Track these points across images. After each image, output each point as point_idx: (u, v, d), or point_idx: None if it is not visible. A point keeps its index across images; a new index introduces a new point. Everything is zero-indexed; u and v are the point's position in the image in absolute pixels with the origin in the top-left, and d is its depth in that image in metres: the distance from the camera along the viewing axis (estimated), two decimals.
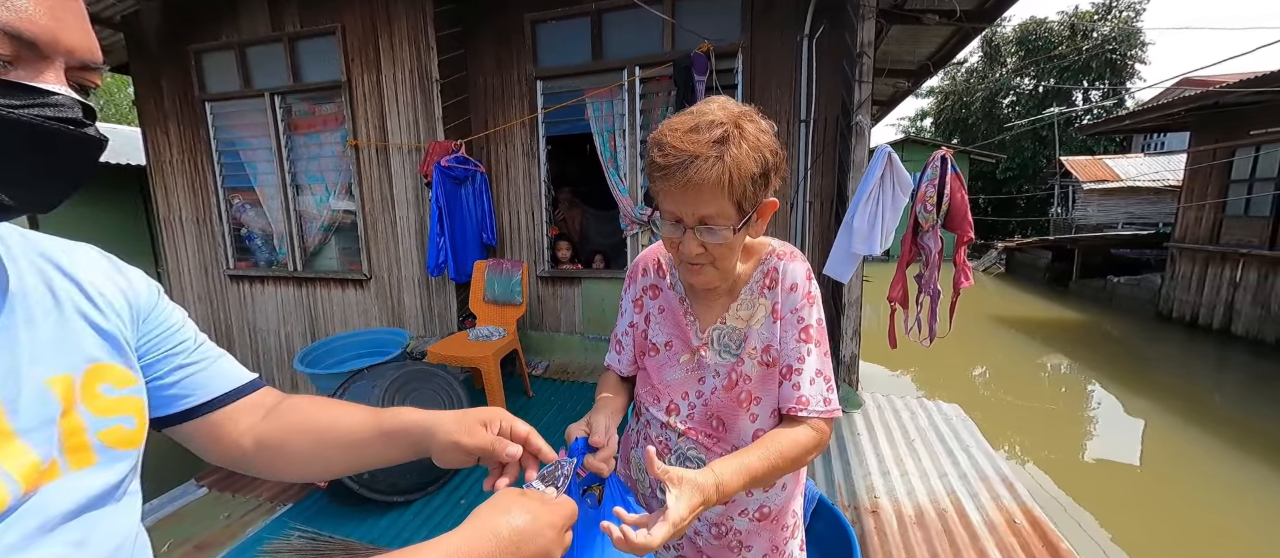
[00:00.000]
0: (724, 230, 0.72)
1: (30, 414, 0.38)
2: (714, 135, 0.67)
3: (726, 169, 0.67)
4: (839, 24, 2.76)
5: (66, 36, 0.35)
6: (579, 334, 3.59)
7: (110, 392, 0.44)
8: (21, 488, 0.36)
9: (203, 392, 0.56)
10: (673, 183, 0.69)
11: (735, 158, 0.68)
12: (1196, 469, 4.11)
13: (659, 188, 0.73)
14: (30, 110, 0.33)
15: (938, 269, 1.86)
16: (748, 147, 0.69)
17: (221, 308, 4.12)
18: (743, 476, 0.69)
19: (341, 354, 2.90)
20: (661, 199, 0.74)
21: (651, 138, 0.74)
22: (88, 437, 0.42)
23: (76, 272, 0.47)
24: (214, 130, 3.83)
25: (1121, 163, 14.24)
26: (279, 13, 3.48)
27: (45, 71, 0.34)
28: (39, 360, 0.40)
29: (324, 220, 3.73)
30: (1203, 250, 7.53)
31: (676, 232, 0.74)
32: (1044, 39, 17.62)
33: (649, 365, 0.91)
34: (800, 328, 0.80)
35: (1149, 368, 6.47)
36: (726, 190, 0.69)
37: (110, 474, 0.43)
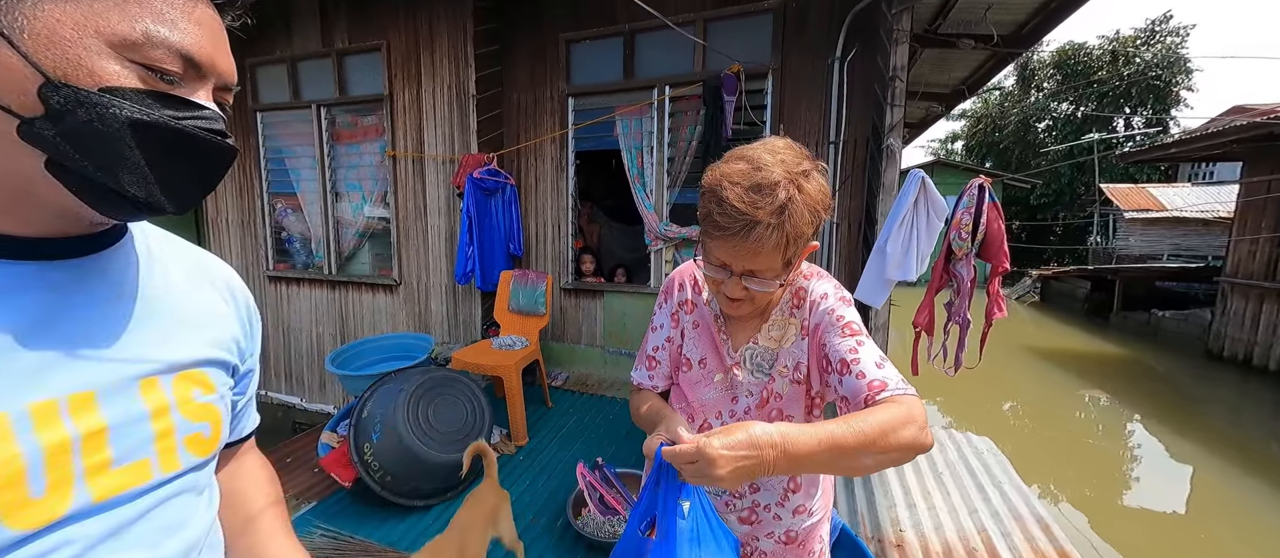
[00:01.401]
0: (770, 283, 0.74)
1: (122, 412, 0.41)
2: (777, 202, 0.67)
3: (784, 236, 0.68)
4: (871, 47, 2.76)
5: (221, 61, 0.41)
6: (600, 347, 3.61)
7: (200, 396, 0.47)
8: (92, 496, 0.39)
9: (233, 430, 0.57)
10: (728, 242, 0.70)
11: (794, 223, 0.68)
12: (1249, 522, 3.83)
13: (710, 239, 0.73)
14: (191, 121, 0.38)
15: (969, 298, 1.81)
16: (805, 211, 0.69)
17: (259, 307, 4.26)
18: (818, 439, 0.60)
19: (370, 357, 2.98)
20: (711, 246, 0.74)
21: (708, 184, 0.73)
22: (175, 439, 0.44)
23: (191, 270, 0.51)
24: (263, 139, 4.04)
25: (1167, 192, 13.65)
26: (330, 30, 3.68)
27: (200, 90, 0.39)
28: (141, 358, 0.43)
29: (359, 226, 3.87)
30: (1258, 286, 7.11)
31: (721, 275, 0.75)
32: (1083, 64, 17.13)
33: (683, 382, 0.91)
34: (841, 326, 0.77)
35: (1198, 408, 6.09)
36: (781, 251, 0.70)
37: (190, 479, 0.46)
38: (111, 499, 0.40)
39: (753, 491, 0.87)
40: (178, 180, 0.39)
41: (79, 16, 0.34)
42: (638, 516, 0.74)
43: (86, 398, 0.39)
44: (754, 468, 0.59)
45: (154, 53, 0.36)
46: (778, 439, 0.60)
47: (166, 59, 0.36)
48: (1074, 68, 17.23)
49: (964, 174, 14.08)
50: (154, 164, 0.36)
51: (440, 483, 2.13)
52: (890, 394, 0.67)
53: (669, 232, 3.21)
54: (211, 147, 0.39)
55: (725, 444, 0.59)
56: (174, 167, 0.38)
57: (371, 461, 2.03)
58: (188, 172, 0.39)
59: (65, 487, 0.37)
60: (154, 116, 0.35)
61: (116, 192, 0.36)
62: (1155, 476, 4.67)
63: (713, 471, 0.58)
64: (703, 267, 0.78)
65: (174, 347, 0.46)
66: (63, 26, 0.33)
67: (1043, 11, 3.59)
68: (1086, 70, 16.95)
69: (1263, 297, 7.05)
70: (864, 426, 0.62)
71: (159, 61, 0.36)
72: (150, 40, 0.36)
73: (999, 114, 19.47)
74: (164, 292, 0.47)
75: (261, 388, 4.34)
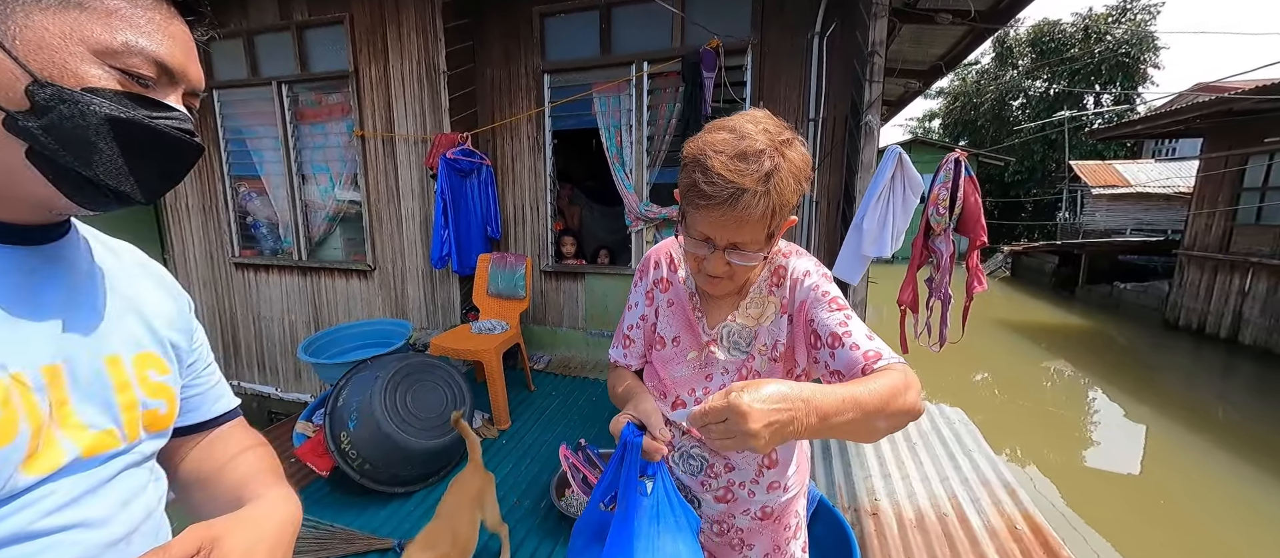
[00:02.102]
0: (754, 255, 0.73)
1: (89, 385, 0.46)
2: (763, 169, 0.66)
3: (771, 203, 0.67)
4: (850, 22, 2.73)
5: (191, 69, 0.46)
6: (582, 330, 3.59)
7: (155, 377, 0.52)
8: (80, 451, 0.44)
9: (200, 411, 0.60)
10: (714, 212, 0.68)
11: (779, 191, 0.68)
12: (1199, 479, 4.09)
13: (695, 210, 0.71)
14: (163, 120, 0.42)
15: (949, 273, 1.84)
16: (790, 179, 0.69)
17: (227, 295, 4.14)
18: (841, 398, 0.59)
19: (345, 344, 2.91)
20: (694, 219, 0.72)
21: (691, 154, 0.71)
22: (138, 413, 0.49)
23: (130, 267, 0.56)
24: (221, 118, 3.83)
25: (1132, 168, 14.11)
26: (287, 1, 3.47)
27: (172, 94, 0.44)
28: (103, 337, 0.48)
29: (329, 210, 3.73)
30: (1212, 258, 7.46)
31: (703, 250, 0.74)
32: (1057, 41, 17.40)
33: (656, 360, 0.91)
34: (827, 300, 0.77)
35: (1154, 376, 6.43)
36: (766, 221, 0.69)
37: (146, 449, 0.51)
38: (94, 458, 0.45)
39: (728, 470, 0.87)
40: (148, 173, 0.43)
41: (66, 27, 0.38)
42: (600, 491, 0.76)
43: (56, 370, 0.44)
44: (786, 425, 0.55)
45: (132, 59, 0.41)
46: (806, 395, 0.57)
47: (143, 65, 0.41)
48: (1048, 45, 17.51)
49: (941, 152, 14.22)
50: (128, 157, 0.41)
51: (421, 469, 2.11)
52: (886, 363, 0.67)
53: (649, 212, 3.17)
54: (180, 144, 0.44)
55: (757, 398, 0.55)
56: (145, 161, 0.42)
57: (349, 449, 1.99)
58: (157, 166, 0.43)
59: (56, 444, 0.43)
60: (129, 114, 0.40)
61: (92, 181, 0.40)
62: (1114, 437, 4.94)
63: (746, 425, 0.53)
64: (684, 242, 0.76)
65: (131, 329, 0.51)
66: (50, 35, 0.38)
67: None
68: (1060, 47, 17.24)
69: (1217, 268, 7.41)
70: (877, 387, 0.62)
71: (136, 67, 0.41)
72: (129, 48, 0.40)
73: (975, 91, 19.73)
74: (118, 280, 0.53)
75: (234, 378, 4.22)
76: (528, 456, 2.44)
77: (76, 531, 0.43)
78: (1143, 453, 4.64)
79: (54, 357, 0.44)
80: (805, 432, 0.57)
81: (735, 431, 0.55)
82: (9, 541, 0.40)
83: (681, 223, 0.77)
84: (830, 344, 0.72)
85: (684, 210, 0.75)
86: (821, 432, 0.59)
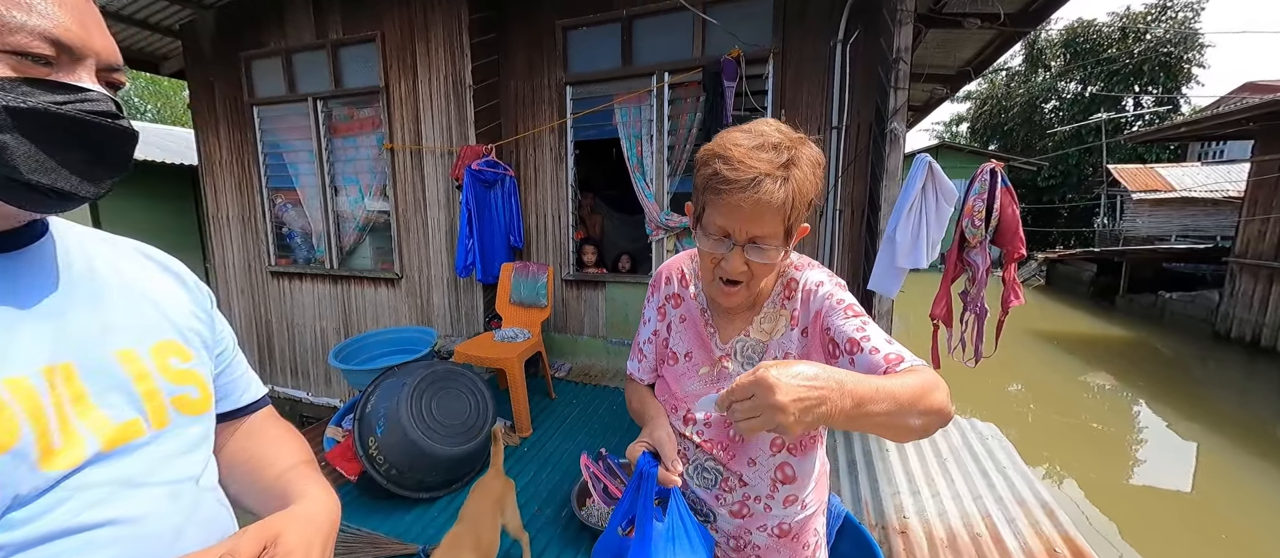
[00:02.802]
0: (773, 251, 0.72)
1: (103, 379, 0.45)
2: (782, 158, 0.68)
3: (791, 191, 0.68)
4: (873, 29, 2.70)
5: (93, 41, 0.40)
6: (602, 338, 3.61)
7: (178, 364, 0.51)
8: (100, 444, 0.43)
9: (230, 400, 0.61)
10: (734, 199, 0.68)
11: (798, 181, 0.69)
12: (1255, 502, 3.83)
13: (714, 201, 0.71)
14: (73, 105, 0.37)
15: (985, 286, 1.78)
16: (809, 170, 0.70)
17: (263, 303, 4.31)
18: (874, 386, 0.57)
19: (373, 351, 2.99)
20: (713, 212, 0.72)
21: (708, 150, 0.73)
22: (164, 401, 0.49)
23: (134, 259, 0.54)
24: (260, 133, 4.01)
25: (1176, 172, 13.45)
26: (323, 21, 3.63)
27: (80, 72, 0.39)
28: (111, 332, 0.47)
29: (359, 220, 3.86)
30: (1267, 267, 7.03)
31: (722, 247, 0.74)
32: (1092, 42, 16.78)
33: (667, 374, 0.92)
34: (843, 308, 0.75)
35: (1204, 391, 6.06)
36: (785, 212, 0.69)
37: (186, 437, 0.50)
38: (120, 450, 0.44)
39: (742, 483, 0.86)
40: (79, 164, 0.39)
41: None
42: (618, 516, 0.79)
43: (64, 369, 0.43)
44: (817, 405, 0.53)
45: (17, 38, 0.35)
46: (840, 377, 0.56)
47: (33, 43, 0.36)
48: (1083, 46, 16.90)
49: (969, 157, 13.90)
50: (46, 150, 0.37)
51: (444, 475, 2.14)
52: (909, 365, 0.65)
53: (670, 221, 3.18)
54: (102, 129, 0.39)
55: (785, 372, 0.53)
56: (70, 151, 0.38)
57: (376, 454, 2.04)
58: (86, 155, 0.39)
59: (78, 437, 0.42)
60: (31, 103, 0.35)
61: (15, 180, 0.36)
62: (1161, 455, 4.66)
63: (773, 397, 0.52)
64: (699, 243, 0.77)
65: (145, 318, 0.50)
66: None
67: None
68: (1095, 48, 16.62)
69: (1272, 277, 6.97)
70: (909, 382, 0.60)
71: (25, 46, 0.36)
72: (8, 26, 0.35)
73: (1005, 95, 19.17)
74: (123, 273, 0.51)
75: (268, 382, 4.37)
76: (549, 464, 2.45)
77: (111, 528, 0.42)
78: (1194, 470, 4.37)
79: (55, 356, 0.42)
80: (837, 416, 0.55)
81: (762, 406, 0.53)
82: (47, 538, 0.39)
83: (697, 226, 0.77)
84: (848, 351, 0.71)
85: (700, 210, 0.76)
86: (854, 420, 0.56)
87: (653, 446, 0.79)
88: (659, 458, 0.77)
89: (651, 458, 0.77)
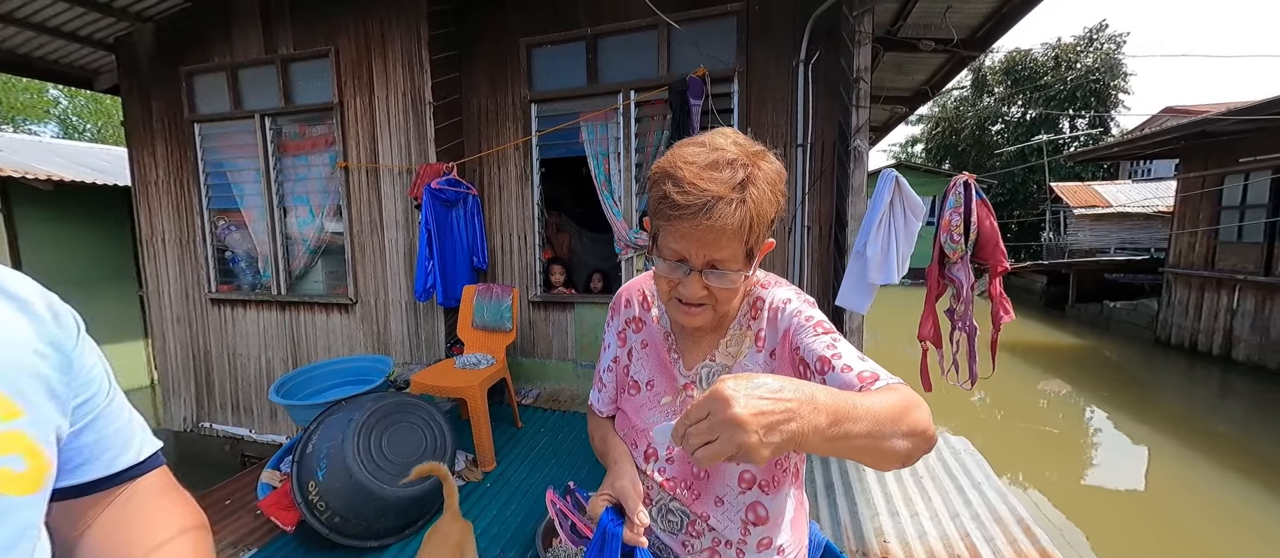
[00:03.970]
0: (733, 274, 0.66)
1: None
2: (737, 177, 0.62)
3: (748, 213, 0.63)
4: (834, 49, 2.75)
5: None
6: (572, 361, 3.47)
7: None
8: None
9: (97, 465, 0.46)
10: (687, 224, 0.62)
11: (756, 201, 0.63)
12: (1203, 498, 4.00)
13: (667, 226, 0.65)
14: None
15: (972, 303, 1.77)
16: (767, 188, 0.64)
17: (201, 333, 3.97)
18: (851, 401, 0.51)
19: (322, 382, 2.76)
20: (666, 236, 0.66)
21: (660, 168, 0.67)
22: None
23: None
24: (202, 151, 3.76)
25: (1111, 189, 14.44)
26: (273, 36, 3.46)
27: None
28: None
29: (310, 242, 3.63)
30: (1198, 275, 7.54)
31: (678, 272, 0.67)
32: (1029, 69, 18.12)
33: (627, 406, 0.84)
34: (812, 325, 0.69)
35: (1152, 394, 6.37)
36: (744, 235, 0.63)
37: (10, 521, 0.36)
38: None
39: (710, 528, 0.78)
40: None
41: None
42: None
43: None
44: (785, 423, 0.46)
45: None
46: (809, 391, 0.49)
47: None
48: (1021, 73, 18.22)
49: (925, 176, 14.56)
50: None
51: (396, 520, 1.96)
52: (885, 383, 0.58)
53: (639, 239, 3.11)
54: None
55: (743, 383, 0.47)
56: None
57: (317, 500, 1.84)
58: None
59: None
60: None
61: None
62: (1116, 459, 4.83)
63: (729, 410, 0.45)
64: (656, 265, 0.70)
65: None
66: None
67: (995, 16, 3.71)
68: (1033, 75, 17.93)
69: (1203, 285, 7.48)
70: (888, 400, 0.53)
71: None
72: None
73: (955, 117, 20.33)
74: None
75: (206, 420, 4.01)
76: (514, 499, 2.29)
77: None
78: (1146, 472, 4.55)
79: None
80: (811, 435, 0.47)
81: (719, 424, 0.45)
82: None
83: (653, 246, 0.71)
84: (820, 370, 0.65)
85: (655, 231, 0.70)
86: (832, 442, 0.49)
87: (615, 498, 0.71)
88: (623, 513, 0.69)
89: (615, 514, 0.69)
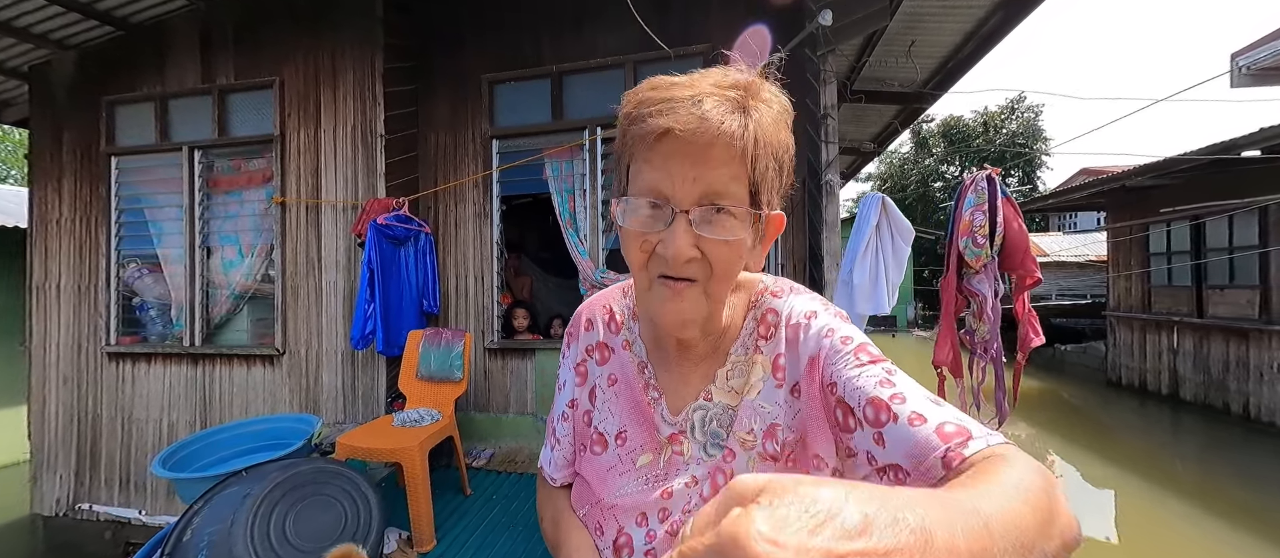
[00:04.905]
0: (735, 220, 0.44)
1: None
2: (729, 79, 0.45)
3: (750, 129, 0.44)
4: (799, 90, 2.77)
5: None
6: (531, 414, 3.13)
7: None
8: None
9: None
10: (669, 143, 0.43)
11: (762, 115, 0.45)
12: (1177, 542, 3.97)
13: (641, 151, 0.46)
14: None
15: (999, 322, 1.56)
16: (775, 106, 0.47)
17: (92, 392, 3.39)
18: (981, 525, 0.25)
19: (226, 449, 2.31)
20: (640, 169, 0.46)
21: (628, 97, 0.48)
22: None
23: None
24: (116, 187, 3.37)
25: (1045, 240, 15.58)
26: (212, 65, 3.22)
27: None
28: None
29: (235, 287, 3.23)
30: (1138, 318, 7.98)
31: (656, 223, 0.45)
32: (962, 133, 20.03)
33: (589, 470, 0.58)
34: (852, 351, 0.48)
35: (1111, 435, 6.48)
36: (748, 157, 0.43)
37: None
38: None
39: None
40: None
41: None
42: None
43: None
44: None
45: None
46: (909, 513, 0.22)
47: None
48: (955, 136, 20.09)
49: None
50: None
51: None
52: (986, 449, 0.37)
53: (606, 279, 2.91)
54: None
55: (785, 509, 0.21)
56: None
57: None
58: None
59: None
60: None
61: None
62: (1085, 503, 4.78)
63: None
64: (626, 223, 0.47)
65: None
66: None
67: (940, 72, 3.96)
68: (966, 138, 19.78)
69: (1144, 327, 7.90)
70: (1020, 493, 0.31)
71: None
72: None
73: (900, 174, 21.93)
74: None
75: (84, 501, 3.34)
76: None
77: None
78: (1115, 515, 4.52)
79: None
80: None
81: None
82: None
83: (619, 205, 0.48)
84: (872, 421, 0.43)
85: (623, 181, 0.49)
86: None
87: None
88: None
89: None
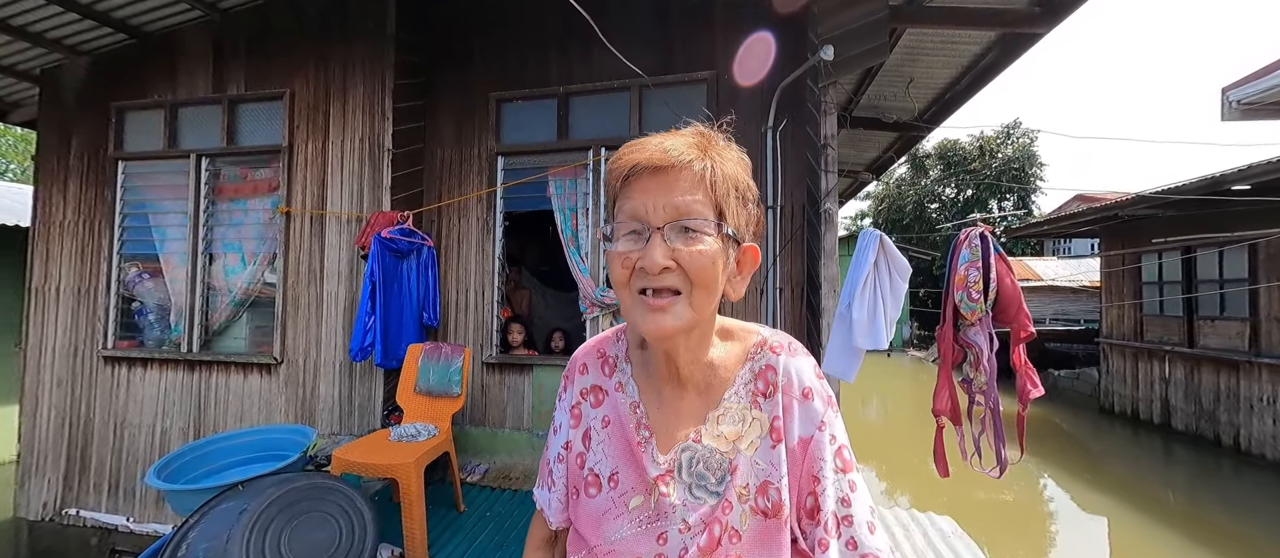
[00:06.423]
0: (705, 233, 0.52)
1: None
2: (687, 138, 0.57)
3: (709, 168, 0.54)
4: (800, 119, 2.84)
5: None
6: (527, 431, 3.13)
7: None
8: None
9: None
10: (642, 180, 0.54)
11: (722, 155, 0.57)
12: None
13: (623, 190, 0.56)
14: None
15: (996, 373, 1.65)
16: (729, 154, 0.58)
17: (86, 397, 3.37)
18: None
19: (220, 460, 2.31)
20: (622, 203, 0.55)
21: (616, 156, 0.58)
22: None
23: None
24: (121, 191, 3.39)
25: (1040, 264, 15.71)
26: (224, 75, 3.27)
27: None
28: None
29: (236, 294, 3.24)
30: (1130, 346, 8.04)
31: (636, 244, 0.53)
32: (959, 156, 20.24)
33: (582, 513, 0.60)
34: (835, 451, 0.56)
35: (1103, 463, 6.50)
36: (707, 184, 0.54)
37: None
38: None
39: None
40: None
41: None
42: None
43: None
44: None
45: None
46: None
47: None
48: (952, 159, 20.30)
49: None
50: None
51: None
52: None
53: (606, 297, 2.94)
54: None
55: None
56: None
57: None
58: None
59: None
60: None
61: None
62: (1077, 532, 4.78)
63: None
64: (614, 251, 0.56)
65: None
66: None
67: (937, 103, 4.05)
68: (962, 161, 19.99)
69: (1136, 355, 7.96)
70: None
71: None
72: None
73: (897, 196, 22.13)
74: None
75: (72, 506, 3.31)
76: None
77: None
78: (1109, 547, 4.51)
79: None
80: None
81: None
82: None
83: (608, 238, 0.58)
84: (827, 529, 0.54)
85: (612, 221, 0.57)
86: None
87: None
88: None
89: None
